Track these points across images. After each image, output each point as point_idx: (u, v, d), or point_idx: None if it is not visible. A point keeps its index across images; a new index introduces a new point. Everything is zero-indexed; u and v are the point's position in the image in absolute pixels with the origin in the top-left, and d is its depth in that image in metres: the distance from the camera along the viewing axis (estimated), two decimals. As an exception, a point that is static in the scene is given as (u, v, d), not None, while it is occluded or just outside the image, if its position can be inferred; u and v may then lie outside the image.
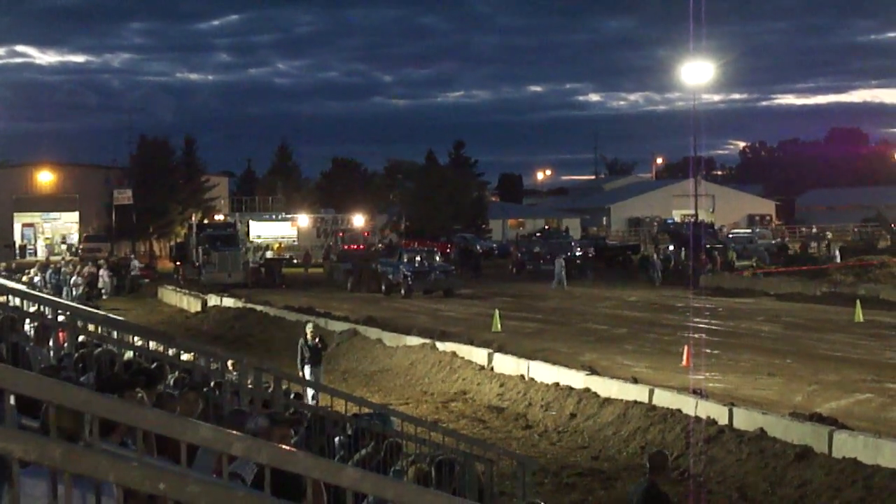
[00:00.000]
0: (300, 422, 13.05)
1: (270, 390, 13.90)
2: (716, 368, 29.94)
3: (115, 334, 14.38)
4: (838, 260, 68.10)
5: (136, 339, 15.06)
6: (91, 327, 15.46)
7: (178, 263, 72.52)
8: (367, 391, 29.32)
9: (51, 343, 14.52)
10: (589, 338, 37.98)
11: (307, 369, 27.65)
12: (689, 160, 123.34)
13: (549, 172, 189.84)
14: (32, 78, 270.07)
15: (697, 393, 23.85)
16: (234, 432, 4.72)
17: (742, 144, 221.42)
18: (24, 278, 56.79)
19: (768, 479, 19.16)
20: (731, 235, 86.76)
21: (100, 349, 13.83)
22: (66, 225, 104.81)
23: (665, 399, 23.56)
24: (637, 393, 24.48)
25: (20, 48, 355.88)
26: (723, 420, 21.55)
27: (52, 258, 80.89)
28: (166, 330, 37.88)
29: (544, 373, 27.92)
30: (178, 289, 60.83)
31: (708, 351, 32.76)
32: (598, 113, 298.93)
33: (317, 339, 28.40)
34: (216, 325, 47.19)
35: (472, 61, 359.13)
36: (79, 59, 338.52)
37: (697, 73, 71.01)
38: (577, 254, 71.83)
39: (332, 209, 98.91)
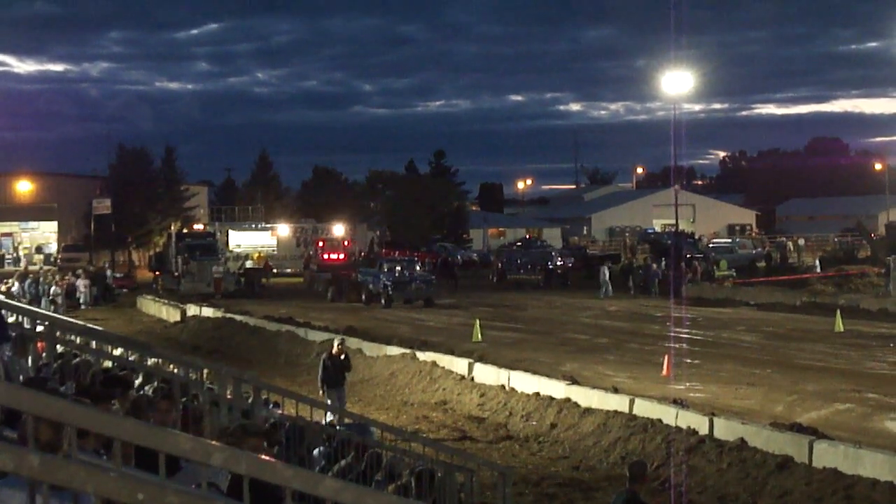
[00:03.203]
0: (273, 433, 12.98)
1: (250, 401, 13.84)
2: (696, 378, 29.98)
3: (93, 344, 14.32)
4: (818, 270, 68.27)
5: (114, 348, 15.00)
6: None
7: (156, 273, 72.30)
8: (348, 401, 29.23)
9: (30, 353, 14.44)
10: (570, 348, 37.99)
11: (327, 390, 26.15)
12: (669, 170, 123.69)
13: (529, 182, 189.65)
14: (11, 87, 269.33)
15: (678, 403, 23.89)
16: (213, 442, 4.69)
17: (722, 154, 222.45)
18: (3, 288, 56.58)
19: (749, 489, 19.19)
20: (711, 245, 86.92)
21: (78, 359, 13.78)
22: (44, 234, 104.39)
23: (646, 409, 23.59)
24: (618, 403, 24.50)
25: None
26: (703, 430, 21.59)
27: (31, 268, 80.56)
28: (145, 340, 37.75)
29: (525, 383, 27.93)
30: (156, 298, 60.69)
31: (688, 361, 32.84)
32: (578, 122, 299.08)
33: (342, 356, 26.97)
34: (195, 335, 47.09)
35: (453, 70, 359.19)
36: (57, 67, 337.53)
37: (678, 83, 71.10)
38: (558, 263, 71.98)
39: (312, 219, 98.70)
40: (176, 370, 14.43)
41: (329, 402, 24.90)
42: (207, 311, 51.54)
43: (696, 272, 66.03)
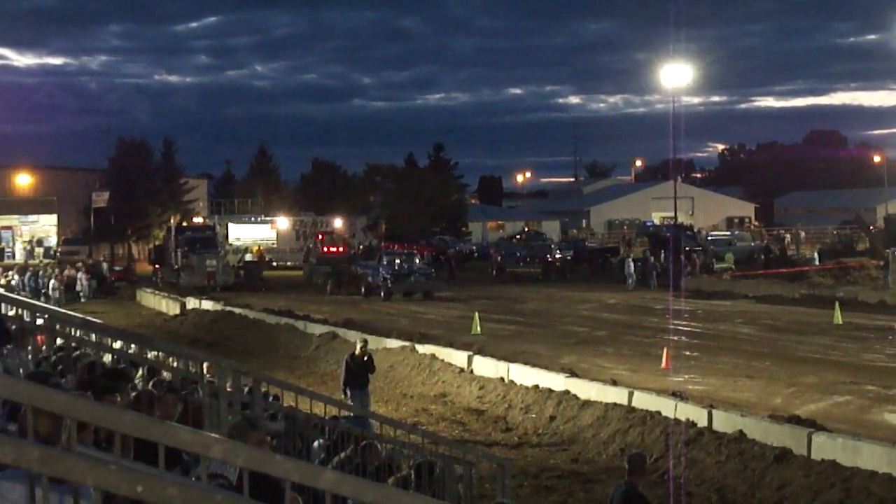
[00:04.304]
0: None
1: (247, 391, 13.86)
2: (695, 371, 30.00)
3: (93, 337, 14.31)
4: (817, 262, 68.27)
5: (113, 342, 14.99)
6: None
7: (156, 266, 72.24)
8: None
9: (29, 347, 14.43)
10: (569, 340, 37.99)
11: (350, 393, 24.80)
12: (668, 163, 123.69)
13: (528, 175, 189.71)
14: (10, 80, 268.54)
15: (677, 395, 23.90)
16: (213, 435, 4.70)
17: (721, 147, 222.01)
18: (2, 280, 56.61)
19: (747, 480, 19.21)
20: (710, 238, 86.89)
21: (78, 352, 13.77)
22: (44, 228, 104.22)
23: (644, 401, 23.60)
24: (616, 395, 24.51)
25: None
26: (702, 422, 21.60)
27: (31, 261, 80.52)
28: (145, 333, 37.79)
29: (524, 375, 27.93)
30: (156, 291, 60.72)
31: (687, 353, 32.85)
32: (577, 115, 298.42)
33: (365, 357, 25.62)
34: (195, 327, 47.11)
35: (452, 64, 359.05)
36: (57, 61, 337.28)
37: (676, 76, 71.13)
38: (557, 256, 71.95)
39: (311, 212, 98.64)
40: (176, 363, 14.44)
41: (351, 403, 24.30)
42: (207, 304, 51.56)
43: (695, 265, 66.00)
